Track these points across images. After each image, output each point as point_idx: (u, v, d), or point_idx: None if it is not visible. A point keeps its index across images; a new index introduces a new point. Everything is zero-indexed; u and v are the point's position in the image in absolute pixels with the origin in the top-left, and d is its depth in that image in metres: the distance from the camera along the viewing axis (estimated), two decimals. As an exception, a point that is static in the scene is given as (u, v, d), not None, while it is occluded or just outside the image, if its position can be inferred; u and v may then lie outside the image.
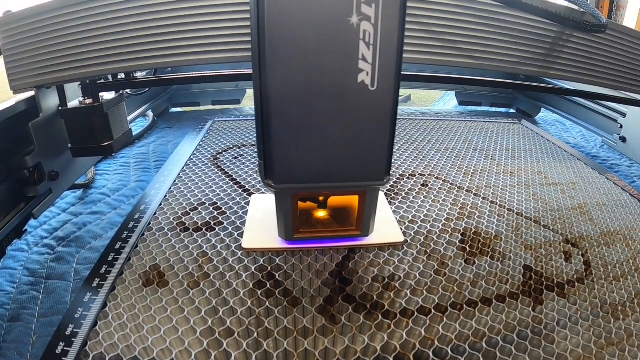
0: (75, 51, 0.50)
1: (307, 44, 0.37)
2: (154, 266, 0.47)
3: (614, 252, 0.54)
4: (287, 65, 0.37)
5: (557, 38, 0.58)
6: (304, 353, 0.37)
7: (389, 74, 0.39)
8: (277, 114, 0.40)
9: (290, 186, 0.44)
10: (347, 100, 0.39)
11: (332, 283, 0.45)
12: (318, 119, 0.40)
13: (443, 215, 0.59)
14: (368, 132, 0.42)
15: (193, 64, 0.52)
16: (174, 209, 0.59)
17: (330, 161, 0.43)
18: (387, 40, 0.37)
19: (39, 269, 0.54)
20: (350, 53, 0.37)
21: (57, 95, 0.55)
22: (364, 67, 0.38)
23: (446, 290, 0.45)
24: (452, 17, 0.54)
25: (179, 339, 0.38)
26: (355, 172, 0.44)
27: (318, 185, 0.45)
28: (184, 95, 1.25)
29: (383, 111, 0.41)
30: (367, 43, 0.37)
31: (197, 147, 0.82)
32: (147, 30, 0.50)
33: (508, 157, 0.82)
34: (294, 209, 0.47)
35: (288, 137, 0.41)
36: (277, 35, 0.36)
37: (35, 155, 0.51)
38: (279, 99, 0.39)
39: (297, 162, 0.42)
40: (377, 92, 0.39)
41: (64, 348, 0.37)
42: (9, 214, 0.50)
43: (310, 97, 0.39)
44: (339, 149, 0.42)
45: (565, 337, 0.41)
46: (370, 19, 0.36)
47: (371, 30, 0.37)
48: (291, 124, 0.40)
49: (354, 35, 0.37)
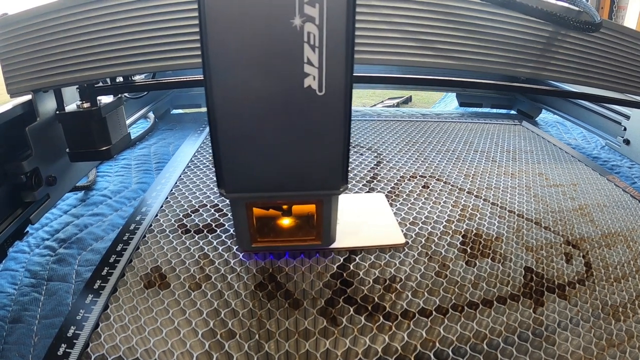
0: (73, 54, 0.50)
1: (249, 48, 0.35)
2: (155, 268, 0.47)
3: (615, 254, 0.54)
4: (229, 69, 0.36)
5: (550, 38, 0.58)
6: (305, 355, 0.38)
7: (337, 78, 0.37)
8: (223, 121, 0.38)
9: (242, 195, 0.43)
10: (295, 106, 0.37)
11: (333, 285, 0.45)
12: (266, 126, 0.38)
13: (444, 217, 0.59)
14: (319, 139, 0.39)
15: (192, 67, 0.52)
16: (175, 211, 0.59)
17: (283, 170, 0.41)
18: (333, 42, 0.35)
19: (40, 271, 0.54)
20: (294, 56, 0.35)
21: (54, 99, 0.55)
22: (310, 71, 0.36)
23: (447, 292, 0.45)
24: (433, 17, 0.53)
25: (181, 341, 0.38)
26: (309, 180, 0.42)
27: (272, 195, 0.43)
28: (185, 97, 1.25)
29: (334, 116, 0.38)
30: (312, 45, 0.35)
31: (198, 149, 0.82)
32: (146, 33, 0.50)
33: (509, 158, 0.82)
34: (249, 218, 0.45)
35: (236, 145, 0.39)
36: (217, 39, 0.34)
37: (33, 160, 0.51)
38: (224, 105, 0.37)
39: (247, 170, 0.41)
40: (326, 97, 0.37)
41: (66, 350, 0.37)
42: (6, 219, 0.50)
43: (256, 103, 0.37)
44: (290, 157, 0.40)
45: (566, 339, 0.41)
46: (314, 20, 0.34)
47: (316, 32, 0.35)
48: (238, 132, 0.38)
49: (297, 38, 0.35)
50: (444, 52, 0.55)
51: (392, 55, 0.53)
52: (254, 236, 0.48)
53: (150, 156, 0.89)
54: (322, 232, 0.48)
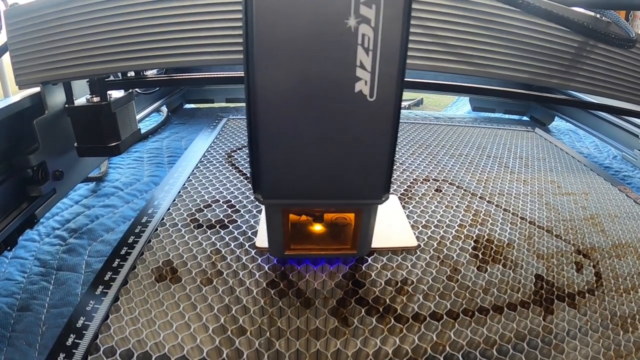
0: (84, 47, 0.50)
1: (299, 49, 0.33)
2: (166, 262, 0.47)
3: (625, 265, 0.54)
4: (276, 71, 0.33)
5: (580, 49, 0.58)
6: (316, 354, 0.38)
7: (389, 84, 0.34)
8: (265, 124, 0.36)
9: (279, 202, 0.41)
10: (343, 111, 0.35)
11: (345, 285, 0.45)
12: (310, 130, 0.36)
13: (456, 221, 0.59)
14: (366, 147, 0.37)
15: (205, 64, 0.51)
16: (188, 206, 0.59)
17: (324, 177, 0.39)
18: (388, 46, 0.33)
19: (50, 260, 0.54)
20: (346, 59, 0.33)
21: (63, 92, 0.55)
22: (362, 76, 0.34)
23: (458, 296, 0.45)
24: (462, 22, 0.53)
25: (191, 336, 0.38)
26: (350, 189, 0.40)
27: (310, 202, 0.41)
28: (198, 92, 1.26)
29: (383, 124, 0.36)
30: (365, 49, 0.33)
31: (211, 144, 0.82)
32: (159, 27, 0.50)
33: (521, 165, 0.82)
34: (284, 225, 0.43)
35: (277, 150, 0.37)
36: (266, 38, 0.32)
37: (40, 153, 0.51)
38: (267, 108, 0.35)
39: (287, 176, 0.38)
40: (376, 103, 0.35)
41: (75, 340, 0.38)
42: (11, 214, 0.50)
43: (302, 107, 0.35)
44: (333, 164, 0.38)
45: (575, 348, 0.40)
46: (369, 22, 0.32)
47: (371, 35, 0.32)
48: (281, 136, 0.36)
49: (351, 40, 0.33)
50: (474, 59, 0.54)
51: (424, 60, 0.53)
52: (287, 244, 0.46)
53: (162, 150, 0.89)
54: (359, 241, 0.46)
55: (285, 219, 0.43)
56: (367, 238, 0.46)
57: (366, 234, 0.45)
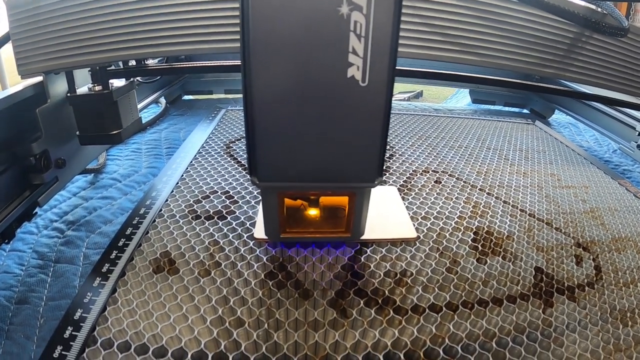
0: (86, 36, 0.50)
1: (293, 36, 0.34)
2: (164, 253, 0.47)
3: (625, 258, 0.54)
4: (272, 57, 0.35)
5: (575, 39, 0.58)
6: (314, 346, 0.37)
7: (381, 69, 0.36)
8: (261, 109, 0.37)
9: (275, 184, 0.42)
10: (336, 95, 0.36)
11: (344, 277, 0.45)
12: (304, 115, 0.37)
13: (456, 212, 0.59)
14: (358, 131, 0.38)
15: (207, 52, 0.52)
16: (186, 197, 0.59)
17: (318, 160, 0.40)
18: (380, 32, 0.34)
19: (48, 252, 0.54)
20: (339, 46, 0.34)
21: (65, 81, 0.55)
22: (355, 61, 0.35)
23: (457, 288, 0.45)
24: (458, 11, 0.53)
25: (189, 327, 0.38)
26: (344, 172, 0.41)
27: (305, 185, 0.42)
28: (196, 83, 1.26)
29: (374, 108, 0.37)
30: (357, 35, 0.34)
31: (210, 135, 0.82)
32: (160, 16, 0.50)
33: (521, 157, 0.82)
34: (279, 208, 0.45)
35: (272, 133, 0.38)
36: (262, 27, 0.34)
37: (42, 142, 0.51)
38: (263, 92, 0.36)
39: (282, 159, 0.40)
40: (368, 88, 0.36)
41: (72, 332, 0.37)
42: (14, 201, 0.50)
43: (296, 91, 0.36)
44: (327, 147, 0.39)
45: (574, 341, 0.40)
46: (361, 9, 0.33)
47: (363, 21, 0.34)
48: (275, 119, 0.37)
49: (343, 27, 0.34)
50: (469, 48, 0.54)
51: (418, 49, 0.53)
52: (283, 227, 0.47)
53: (161, 141, 0.89)
54: (353, 224, 0.47)
55: (281, 201, 0.44)
56: (361, 222, 0.47)
57: (359, 217, 0.46)
